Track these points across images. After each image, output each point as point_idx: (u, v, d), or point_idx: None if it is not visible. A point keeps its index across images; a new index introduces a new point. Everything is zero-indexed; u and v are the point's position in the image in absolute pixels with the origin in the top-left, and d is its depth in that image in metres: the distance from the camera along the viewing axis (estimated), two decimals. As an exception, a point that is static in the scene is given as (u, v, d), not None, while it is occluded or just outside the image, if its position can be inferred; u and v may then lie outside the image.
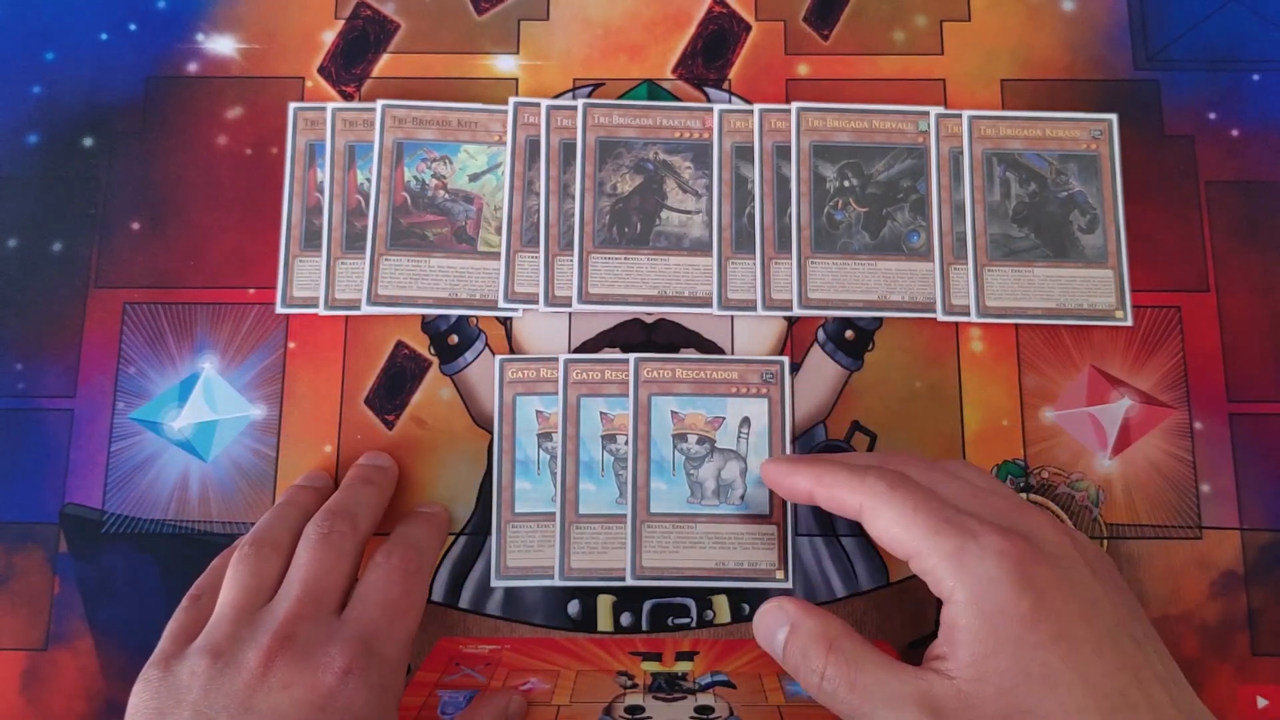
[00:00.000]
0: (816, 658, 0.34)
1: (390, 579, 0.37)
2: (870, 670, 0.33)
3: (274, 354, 0.47)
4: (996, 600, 0.32)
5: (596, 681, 0.43)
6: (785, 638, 0.36)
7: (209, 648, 0.34)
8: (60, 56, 0.50)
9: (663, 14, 0.51)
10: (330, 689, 0.32)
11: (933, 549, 0.33)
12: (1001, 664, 0.31)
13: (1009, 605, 0.31)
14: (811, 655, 0.34)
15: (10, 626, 0.44)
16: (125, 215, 0.48)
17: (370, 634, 0.35)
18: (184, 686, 0.33)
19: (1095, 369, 0.47)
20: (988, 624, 0.31)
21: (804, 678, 0.35)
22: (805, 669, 0.34)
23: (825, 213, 0.48)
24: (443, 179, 0.48)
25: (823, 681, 0.33)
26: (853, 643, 0.34)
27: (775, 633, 0.36)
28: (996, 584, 0.32)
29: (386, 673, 0.34)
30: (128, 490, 0.45)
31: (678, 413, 0.46)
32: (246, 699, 0.32)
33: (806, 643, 0.35)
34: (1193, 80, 0.50)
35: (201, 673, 0.33)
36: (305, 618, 0.35)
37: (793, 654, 0.35)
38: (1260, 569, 0.44)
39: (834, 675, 0.33)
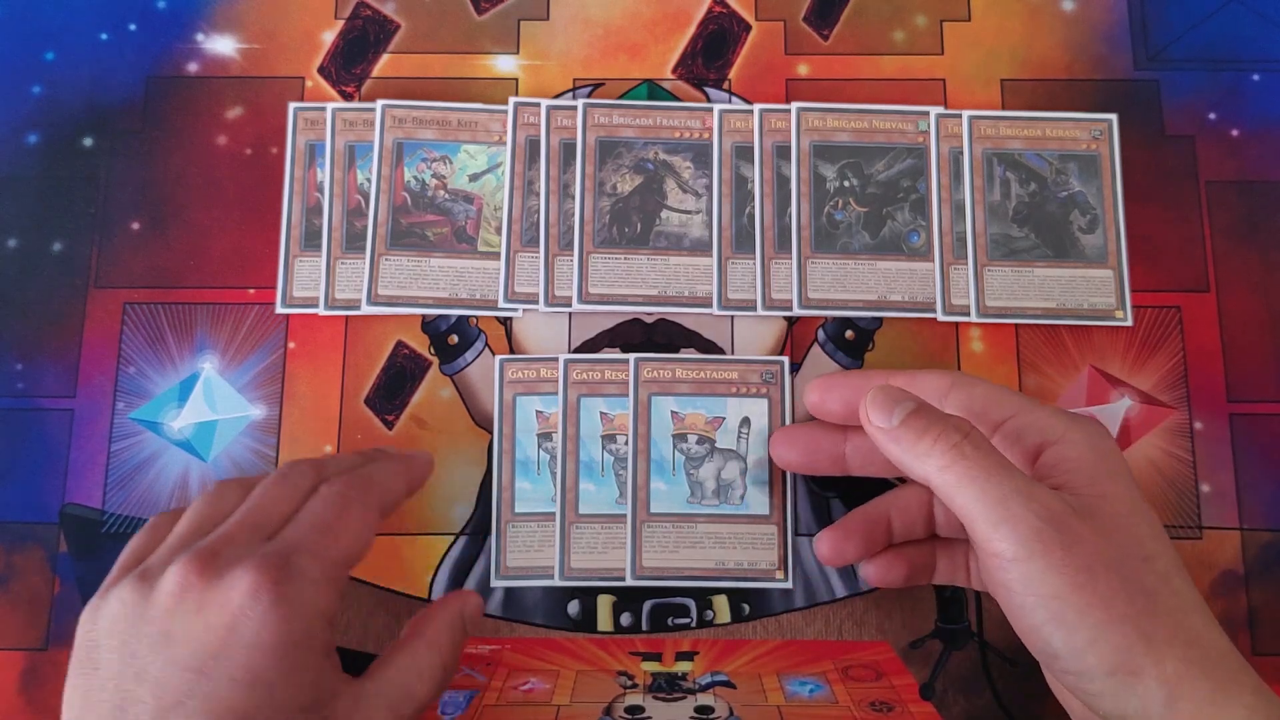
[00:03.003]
0: (953, 433, 0.32)
1: (327, 501, 0.35)
2: (1008, 466, 0.32)
3: (274, 354, 0.47)
4: (1106, 447, 0.34)
5: (596, 681, 0.43)
6: (909, 412, 0.33)
7: (139, 573, 0.32)
8: (60, 56, 0.50)
9: (663, 14, 0.51)
10: (239, 608, 0.30)
11: (1037, 406, 0.35)
12: (1118, 489, 0.33)
13: (1117, 452, 0.34)
14: (945, 431, 0.32)
15: (10, 626, 0.44)
16: (125, 215, 0.48)
17: (292, 550, 0.32)
18: (114, 616, 0.31)
19: (1095, 369, 0.47)
20: (1100, 457, 0.33)
21: (924, 451, 0.32)
22: (929, 442, 0.32)
23: (825, 213, 0.48)
24: (443, 179, 0.48)
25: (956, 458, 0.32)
26: (983, 436, 0.33)
27: (895, 405, 0.34)
28: (1101, 434, 0.34)
29: (308, 591, 0.31)
30: (128, 490, 0.45)
31: (678, 413, 0.46)
32: (166, 626, 0.30)
33: (936, 420, 0.33)
34: (1193, 80, 0.50)
35: (128, 600, 0.31)
36: (234, 540, 0.33)
37: (917, 424, 0.33)
38: (1260, 569, 0.44)
39: (971, 454, 0.32)
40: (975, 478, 0.31)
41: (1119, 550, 0.31)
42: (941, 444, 0.32)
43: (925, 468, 0.33)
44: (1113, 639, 0.30)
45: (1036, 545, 0.30)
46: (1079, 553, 0.30)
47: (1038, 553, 0.30)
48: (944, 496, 0.32)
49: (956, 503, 0.32)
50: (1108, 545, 0.31)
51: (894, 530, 0.39)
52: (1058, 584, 0.30)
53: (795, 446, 0.41)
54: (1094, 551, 0.30)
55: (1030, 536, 0.30)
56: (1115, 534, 0.31)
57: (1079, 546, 0.30)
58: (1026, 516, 0.30)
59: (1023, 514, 0.30)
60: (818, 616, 0.44)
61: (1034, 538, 0.30)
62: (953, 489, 0.32)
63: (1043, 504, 0.31)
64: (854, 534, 0.39)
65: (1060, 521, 0.31)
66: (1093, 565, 0.30)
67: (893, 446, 0.34)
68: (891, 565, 0.39)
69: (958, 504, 0.32)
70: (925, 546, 0.40)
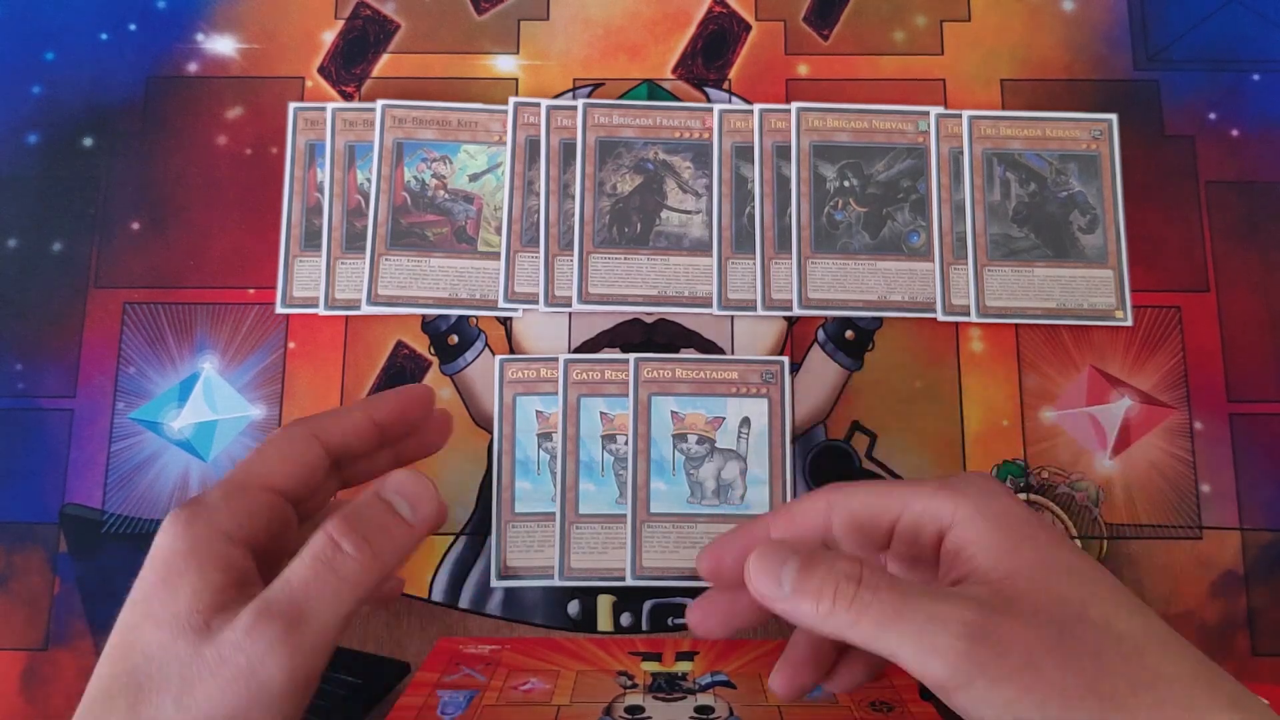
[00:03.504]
0: (846, 584, 0.30)
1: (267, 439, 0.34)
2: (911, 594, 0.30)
3: (274, 354, 0.47)
4: (999, 507, 0.31)
5: (596, 681, 0.43)
6: (795, 574, 0.31)
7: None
8: (60, 56, 0.50)
9: (663, 14, 0.51)
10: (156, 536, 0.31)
11: (918, 494, 0.32)
12: (1026, 557, 0.30)
13: (1013, 509, 0.31)
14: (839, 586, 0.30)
15: (10, 626, 0.44)
16: (125, 215, 0.48)
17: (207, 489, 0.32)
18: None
19: (1095, 369, 0.47)
20: (999, 527, 0.31)
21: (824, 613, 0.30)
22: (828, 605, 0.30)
23: (825, 213, 0.48)
24: (443, 179, 0.48)
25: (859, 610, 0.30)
26: (877, 571, 0.31)
27: (780, 569, 0.31)
28: (995, 495, 0.32)
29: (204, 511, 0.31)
30: (128, 490, 0.45)
31: (678, 413, 0.46)
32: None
33: (826, 576, 0.31)
34: (1193, 80, 0.50)
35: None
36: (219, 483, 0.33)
37: (809, 587, 0.31)
38: (1260, 569, 0.44)
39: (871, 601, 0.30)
40: (884, 622, 0.29)
41: (1050, 626, 0.29)
42: (841, 600, 0.30)
43: (834, 628, 0.30)
44: (1082, 718, 0.28)
45: (971, 668, 0.28)
46: (1012, 656, 0.28)
47: (975, 674, 0.28)
48: (864, 647, 0.31)
49: (879, 650, 0.30)
50: (1036, 632, 0.29)
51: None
52: (1007, 695, 0.28)
53: (713, 614, 0.37)
54: (1027, 645, 0.29)
55: (961, 662, 0.28)
56: (1039, 613, 0.29)
57: (1010, 649, 0.29)
58: (950, 642, 0.29)
59: (946, 641, 0.29)
60: (818, 616, 0.44)
61: (964, 662, 0.28)
62: (869, 640, 0.30)
63: (959, 621, 0.29)
64: (804, 662, 0.36)
65: (983, 632, 0.29)
66: (1032, 660, 0.28)
67: (792, 614, 0.31)
68: (853, 672, 0.37)
69: (881, 651, 0.30)
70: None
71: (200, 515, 0.31)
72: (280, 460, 0.33)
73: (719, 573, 0.36)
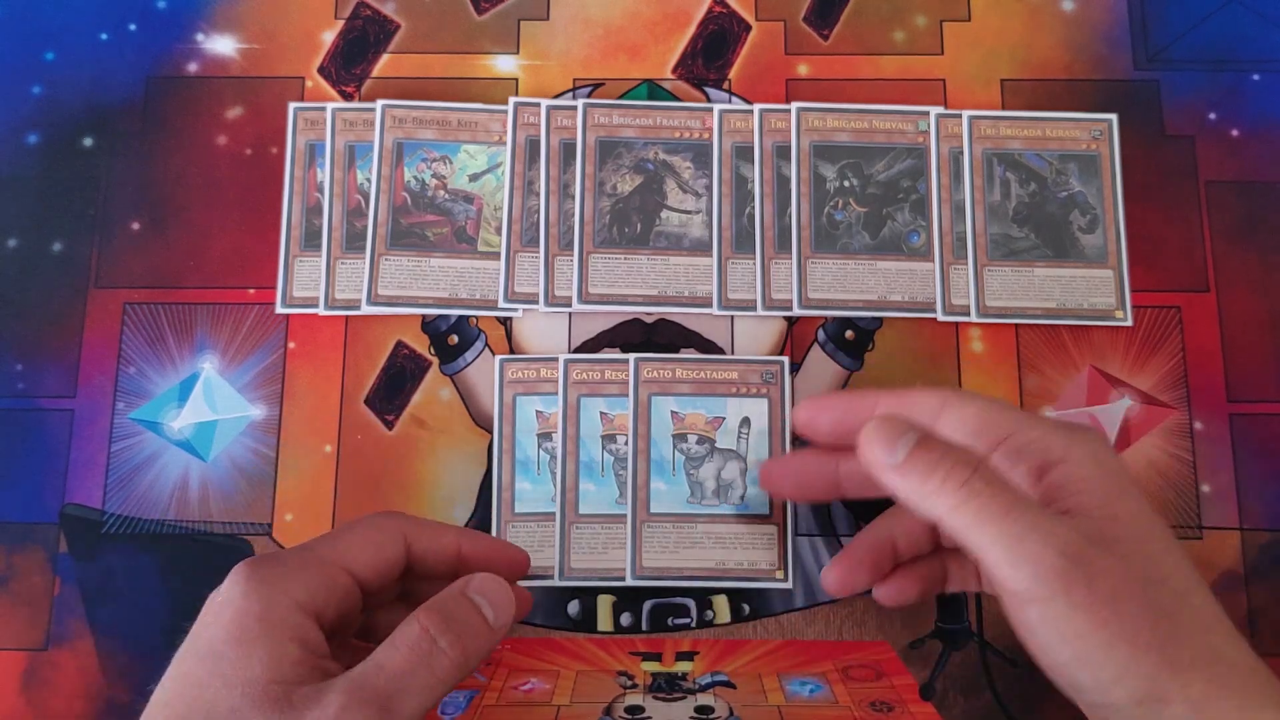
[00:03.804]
0: (962, 468, 0.30)
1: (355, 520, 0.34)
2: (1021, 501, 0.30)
3: (274, 354, 0.47)
4: (1109, 460, 0.32)
5: (596, 681, 0.43)
6: (914, 446, 0.31)
7: None
8: (60, 56, 0.50)
9: (663, 14, 0.51)
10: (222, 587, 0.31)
11: (1035, 423, 0.33)
12: (1130, 509, 0.31)
13: (1122, 468, 0.32)
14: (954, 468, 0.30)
15: (10, 626, 0.44)
16: (125, 215, 0.48)
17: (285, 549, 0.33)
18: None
19: (1095, 369, 0.47)
20: (1107, 475, 0.32)
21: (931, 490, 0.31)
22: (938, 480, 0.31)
23: (825, 213, 0.48)
24: (443, 179, 0.48)
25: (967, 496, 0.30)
26: (993, 470, 0.31)
27: (898, 438, 0.32)
28: (1104, 448, 0.33)
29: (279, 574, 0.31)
30: (128, 490, 0.45)
31: (678, 413, 0.46)
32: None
33: (943, 456, 0.31)
34: (1193, 80, 0.50)
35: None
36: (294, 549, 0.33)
37: (923, 461, 0.31)
38: (1260, 569, 0.44)
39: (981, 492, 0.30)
40: (989, 517, 0.30)
41: (1138, 576, 0.30)
42: (951, 482, 0.30)
43: (935, 507, 0.31)
44: (1140, 670, 0.29)
45: (1058, 584, 0.29)
46: (1100, 588, 0.29)
47: (1059, 592, 0.29)
48: (955, 535, 0.31)
49: (970, 542, 0.30)
50: (1127, 574, 0.30)
51: (899, 549, 0.38)
52: (1081, 623, 0.29)
53: (787, 477, 0.40)
54: (1114, 584, 0.29)
55: (1050, 575, 0.29)
56: (1132, 560, 0.30)
57: (1100, 581, 0.29)
58: (1046, 554, 0.29)
59: (1041, 552, 0.29)
60: (818, 616, 0.44)
61: (1054, 577, 0.29)
62: (966, 530, 0.30)
63: (1061, 539, 0.29)
64: (861, 563, 0.37)
65: (1080, 556, 0.29)
66: (1114, 599, 0.29)
67: (898, 484, 0.32)
68: (904, 587, 0.38)
69: (971, 543, 0.30)
70: (934, 560, 0.39)
71: (275, 579, 0.31)
72: (365, 547, 0.33)
73: (813, 427, 0.38)
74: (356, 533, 0.34)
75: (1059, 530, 0.30)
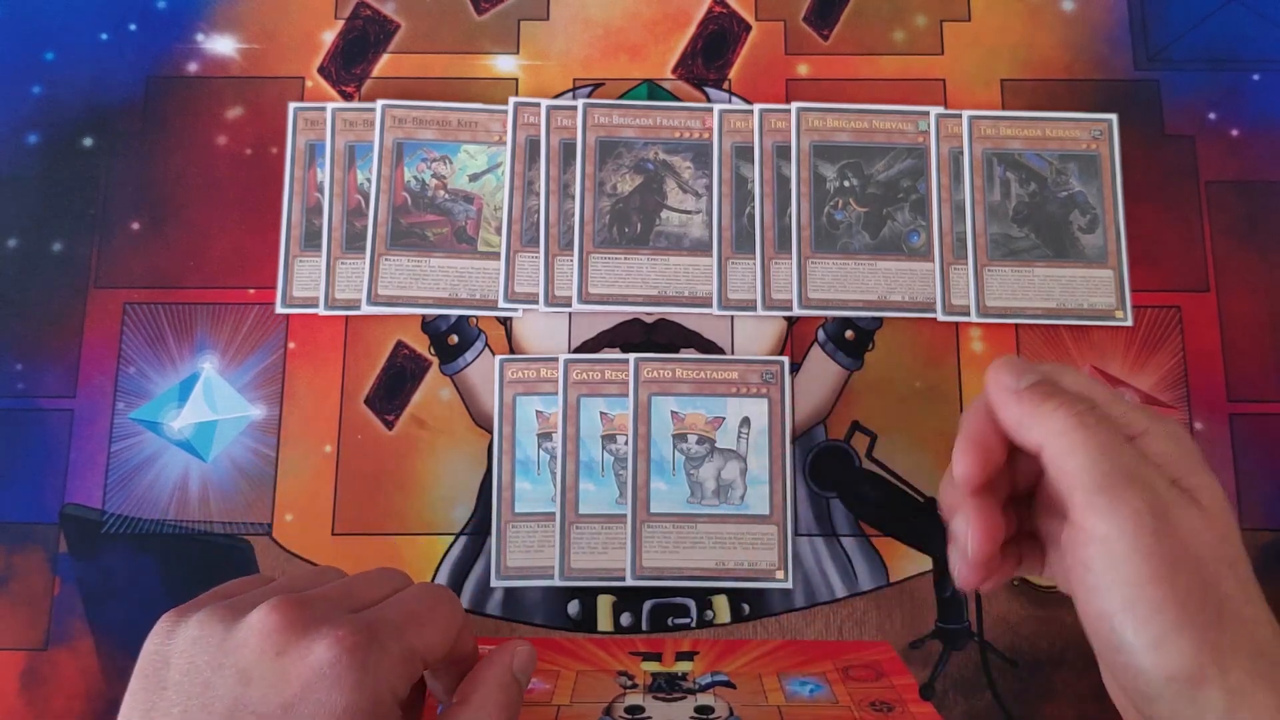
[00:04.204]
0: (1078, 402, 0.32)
1: (420, 594, 0.36)
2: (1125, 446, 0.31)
3: (274, 354, 0.47)
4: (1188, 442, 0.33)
5: (596, 681, 0.43)
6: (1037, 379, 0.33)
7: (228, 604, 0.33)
8: (60, 56, 0.50)
9: (663, 14, 0.51)
10: (318, 664, 0.31)
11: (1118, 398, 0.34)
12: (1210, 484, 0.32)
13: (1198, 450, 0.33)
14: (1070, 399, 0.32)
15: (10, 626, 0.44)
16: (125, 215, 0.48)
17: (380, 625, 0.33)
18: (192, 639, 0.32)
19: (1095, 369, 0.47)
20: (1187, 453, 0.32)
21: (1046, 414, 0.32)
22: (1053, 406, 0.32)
23: (825, 213, 0.48)
24: (443, 179, 0.48)
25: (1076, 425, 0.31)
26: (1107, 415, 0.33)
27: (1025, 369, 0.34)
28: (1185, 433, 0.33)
29: (385, 665, 0.32)
30: (128, 490, 0.45)
31: (678, 413, 0.46)
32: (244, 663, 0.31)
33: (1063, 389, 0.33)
34: (1193, 80, 0.50)
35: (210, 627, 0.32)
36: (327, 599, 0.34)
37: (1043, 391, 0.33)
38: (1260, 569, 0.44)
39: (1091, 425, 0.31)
40: (1091, 447, 0.31)
41: (1206, 550, 0.30)
42: (1064, 410, 0.32)
43: (1044, 429, 0.32)
44: (1181, 640, 0.29)
45: (1130, 527, 0.29)
46: (1168, 545, 0.29)
47: (1129, 534, 0.29)
48: (1053, 460, 0.32)
49: (1066, 468, 0.31)
50: (1197, 543, 0.30)
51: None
52: (1139, 572, 0.29)
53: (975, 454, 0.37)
54: (1182, 547, 0.30)
55: (1127, 517, 0.30)
56: (1206, 533, 0.30)
57: (1169, 539, 0.30)
58: (1130, 497, 0.30)
59: (1127, 494, 0.30)
60: (818, 616, 0.44)
61: (1131, 519, 0.30)
62: (1065, 454, 0.31)
63: (1149, 488, 0.30)
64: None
65: (1160, 509, 0.30)
66: (1177, 561, 0.29)
67: (1015, 407, 0.33)
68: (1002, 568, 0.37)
69: (1067, 469, 0.31)
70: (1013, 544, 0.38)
71: (382, 672, 0.32)
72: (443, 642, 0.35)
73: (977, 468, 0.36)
74: (438, 624, 0.35)
75: (1151, 481, 0.30)
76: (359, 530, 0.45)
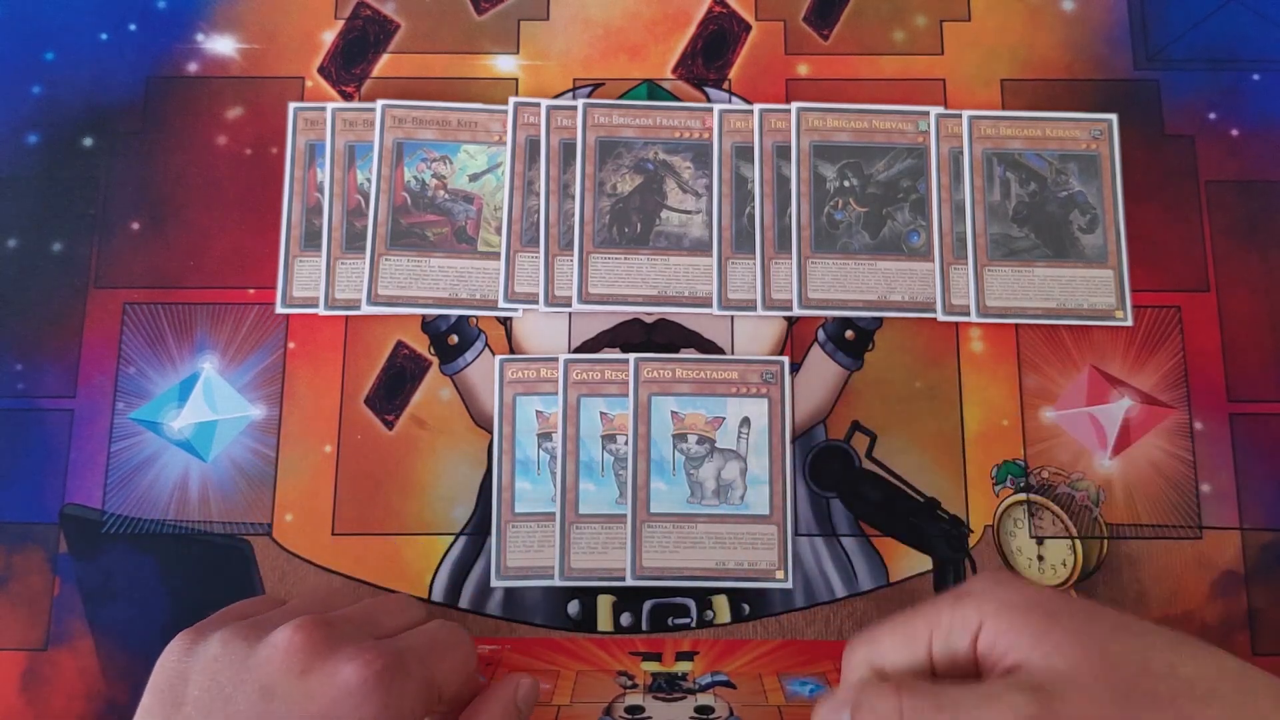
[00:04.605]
0: (888, 699, 0.29)
1: (444, 629, 0.36)
2: (949, 690, 0.29)
3: (274, 354, 0.47)
4: (1021, 594, 0.31)
5: (596, 681, 0.43)
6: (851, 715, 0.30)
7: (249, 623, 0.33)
8: (60, 56, 0.50)
9: (663, 14, 0.51)
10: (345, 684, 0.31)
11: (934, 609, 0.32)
12: (1067, 629, 0.29)
13: (1035, 591, 0.31)
14: (883, 703, 0.30)
15: (10, 626, 0.44)
16: (125, 215, 0.48)
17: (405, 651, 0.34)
18: (212, 656, 0.32)
19: (1095, 369, 0.47)
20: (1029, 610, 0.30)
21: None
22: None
23: (825, 213, 0.48)
24: (443, 179, 0.48)
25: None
26: (917, 678, 0.31)
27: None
28: (1011, 584, 0.31)
29: (409, 691, 0.33)
30: (128, 490, 0.45)
31: (678, 413, 0.46)
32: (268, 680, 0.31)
33: (873, 698, 0.30)
34: (1193, 80, 0.50)
35: (232, 644, 0.32)
36: (350, 622, 0.34)
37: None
38: (1260, 569, 0.44)
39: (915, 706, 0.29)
40: None
41: (1114, 689, 0.28)
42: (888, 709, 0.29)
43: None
44: None
45: None
46: None
47: None
48: None
49: None
50: (1100, 696, 0.28)
51: None
52: None
53: None
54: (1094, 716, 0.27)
55: None
56: (1098, 679, 0.28)
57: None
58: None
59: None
60: (818, 616, 0.44)
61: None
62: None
63: (1014, 713, 0.28)
64: None
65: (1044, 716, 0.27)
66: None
67: None
68: None
69: None
70: None
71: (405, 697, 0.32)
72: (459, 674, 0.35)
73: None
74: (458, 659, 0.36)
75: (1008, 705, 0.28)
76: (359, 530, 0.45)
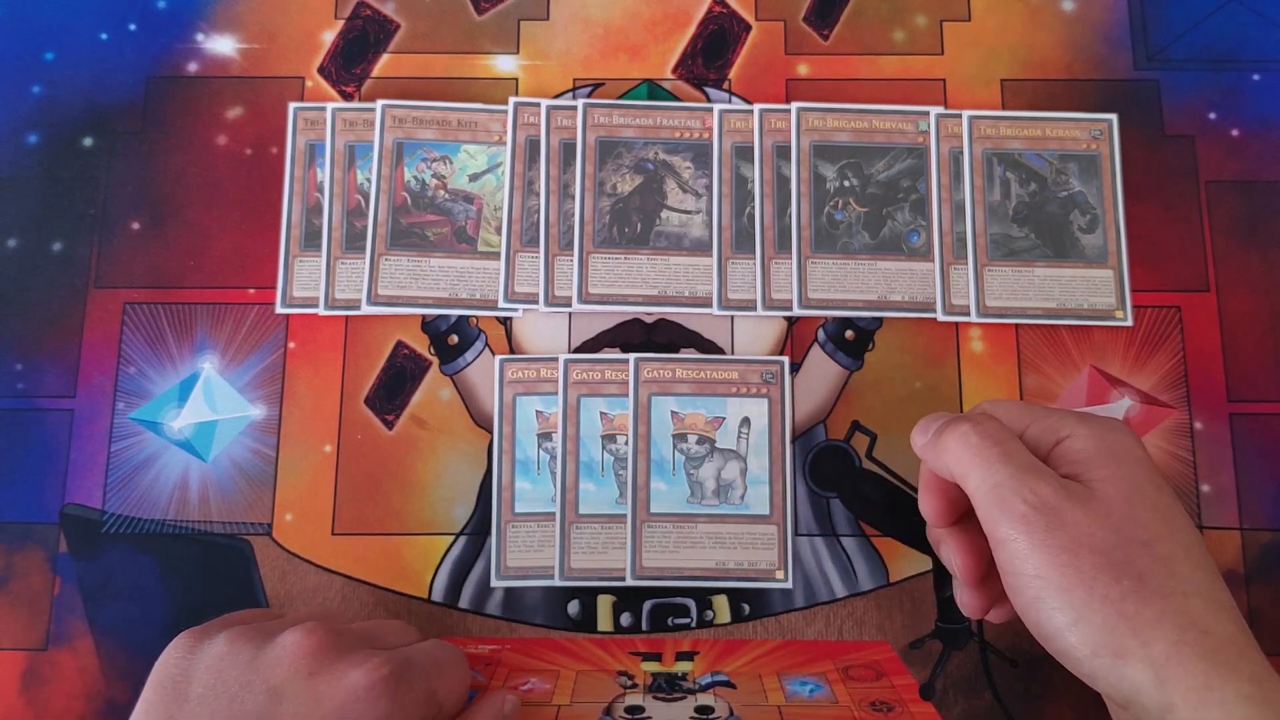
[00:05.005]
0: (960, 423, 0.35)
1: (441, 647, 0.38)
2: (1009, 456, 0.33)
3: (274, 354, 0.47)
4: (1111, 436, 0.34)
5: (596, 681, 0.43)
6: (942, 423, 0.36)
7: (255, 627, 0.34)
8: (60, 56, 0.50)
9: (663, 14, 0.51)
10: (354, 689, 0.32)
11: (1051, 412, 0.36)
12: (1119, 472, 0.33)
13: (1123, 441, 0.34)
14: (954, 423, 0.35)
15: (10, 626, 0.44)
16: (125, 215, 0.48)
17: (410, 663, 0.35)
18: (218, 655, 0.32)
19: (1095, 369, 0.47)
20: (1103, 445, 0.33)
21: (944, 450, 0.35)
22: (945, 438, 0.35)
23: (825, 213, 0.48)
24: (443, 179, 0.48)
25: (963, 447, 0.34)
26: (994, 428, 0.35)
27: (929, 425, 0.37)
28: (1112, 427, 0.35)
29: (411, 699, 0.34)
30: (128, 490, 0.45)
31: (678, 413, 0.46)
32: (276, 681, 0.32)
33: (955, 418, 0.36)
34: (1193, 80, 0.50)
35: (239, 645, 0.33)
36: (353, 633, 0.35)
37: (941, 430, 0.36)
38: (1260, 569, 0.44)
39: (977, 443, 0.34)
40: (977, 464, 0.33)
41: (1111, 533, 0.31)
42: (956, 440, 0.34)
43: (945, 463, 0.35)
44: (1094, 619, 0.30)
45: (1021, 527, 0.31)
46: (1061, 535, 0.31)
47: (1022, 534, 0.31)
48: (962, 485, 0.34)
49: (968, 488, 0.34)
50: (1098, 527, 0.31)
51: None
52: (1040, 563, 0.31)
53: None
54: (1079, 533, 0.31)
55: (1016, 520, 0.32)
56: (1109, 517, 0.32)
57: (1063, 530, 0.31)
58: (1014, 502, 0.32)
59: (1011, 500, 0.32)
60: (818, 616, 0.44)
61: (1019, 521, 0.32)
62: (964, 477, 0.34)
63: (1032, 490, 0.32)
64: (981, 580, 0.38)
65: (1047, 506, 0.32)
66: (1077, 546, 0.31)
67: (930, 458, 0.36)
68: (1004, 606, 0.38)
69: (969, 489, 0.34)
70: None
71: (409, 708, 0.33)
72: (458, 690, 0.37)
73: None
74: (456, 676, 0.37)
75: (1033, 482, 0.32)
76: (359, 530, 0.45)
